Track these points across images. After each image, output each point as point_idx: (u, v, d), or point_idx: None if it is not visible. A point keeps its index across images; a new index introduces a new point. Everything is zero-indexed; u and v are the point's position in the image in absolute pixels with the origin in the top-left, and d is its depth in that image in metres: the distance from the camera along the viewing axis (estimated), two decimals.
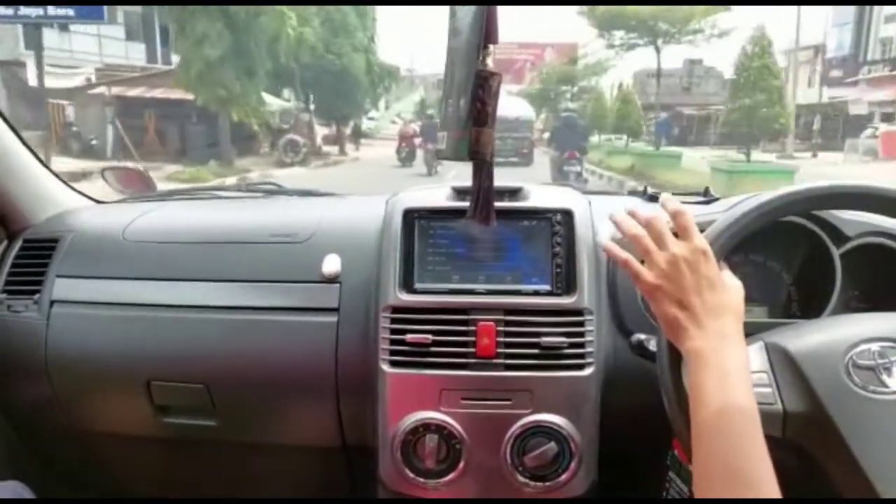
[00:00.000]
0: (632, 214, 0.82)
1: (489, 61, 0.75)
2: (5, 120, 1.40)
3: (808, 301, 1.15)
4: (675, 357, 0.80)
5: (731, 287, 0.78)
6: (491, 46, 0.74)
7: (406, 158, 17.62)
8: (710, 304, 0.75)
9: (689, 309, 0.75)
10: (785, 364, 0.80)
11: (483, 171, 0.85)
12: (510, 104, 20.35)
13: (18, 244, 1.38)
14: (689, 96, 32.96)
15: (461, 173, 0.93)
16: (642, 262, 0.80)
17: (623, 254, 0.82)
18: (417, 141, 17.43)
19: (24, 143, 1.44)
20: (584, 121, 15.32)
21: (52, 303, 1.27)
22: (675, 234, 0.79)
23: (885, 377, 0.76)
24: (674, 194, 1.37)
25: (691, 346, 0.74)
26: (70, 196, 1.54)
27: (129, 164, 1.96)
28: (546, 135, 20.59)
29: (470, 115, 0.76)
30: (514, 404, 1.06)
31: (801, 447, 0.77)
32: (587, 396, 1.07)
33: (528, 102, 25.75)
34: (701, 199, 1.34)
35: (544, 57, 41.37)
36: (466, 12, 0.76)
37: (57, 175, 1.54)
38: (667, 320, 0.77)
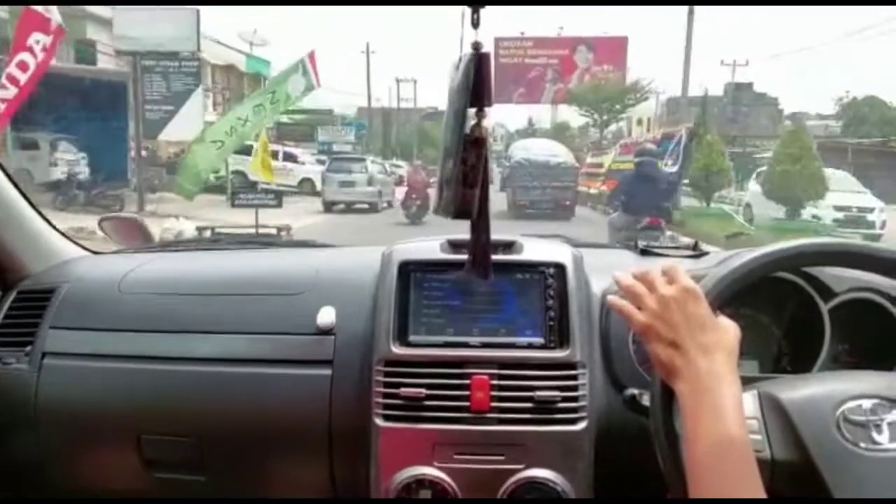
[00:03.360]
0: (632, 275, 0.86)
1: (485, 123, 0.78)
2: (4, 171, 1.42)
3: (798, 355, 1.16)
4: (668, 406, 0.80)
5: (723, 326, 0.80)
6: (486, 109, 0.77)
7: (416, 214, 13.33)
8: (702, 343, 0.76)
9: (681, 348, 0.76)
10: (776, 413, 0.80)
11: (480, 225, 0.87)
12: (548, 148, 17.62)
13: (13, 295, 1.38)
14: (735, 129, 24.94)
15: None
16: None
17: (618, 300, 0.85)
18: (430, 192, 11.92)
19: (23, 194, 1.46)
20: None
21: (43, 354, 1.26)
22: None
23: (875, 434, 0.76)
24: (663, 247, 1.42)
25: (684, 385, 0.75)
26: (67, 247, 1.55)
27: (127, 215, 1.98)
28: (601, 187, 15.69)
29: (456, 177, 0.79)
30: (508, 459, 1.05)
31: (787, 498, 0.77)
32: (581, 451, 1.06)
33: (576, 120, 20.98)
34: (690, 253, 1.36)
35: (574, 60, 28.17)
36: (459, 74, 0.79)
37: (54, 226, 1.55)
38: (659, 360, 0.79)
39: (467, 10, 0.78)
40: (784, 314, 1.19)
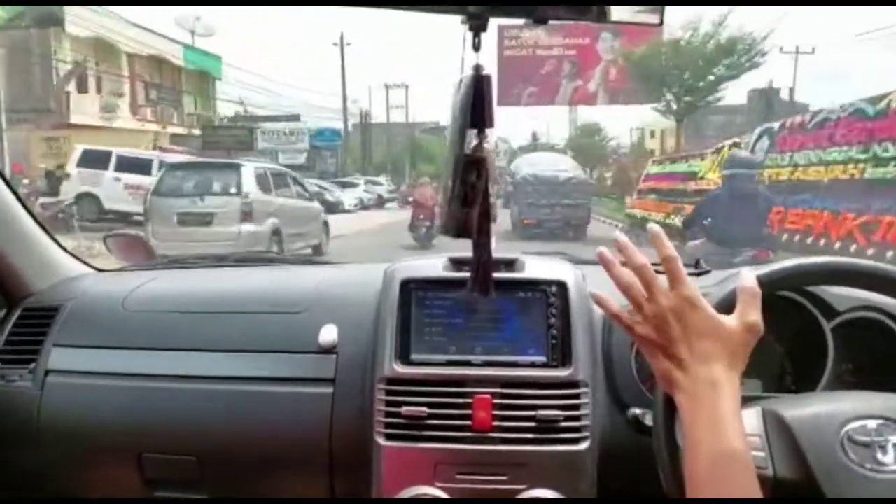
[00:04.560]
0: (621, 250, 0.82)
1: (485, 144, 0.78)
2: (10, 187, 1.43)
3: (801, 374, 1.16)
4: (671, 420, 0.80)
5: (725, 333, 0.76)
6: (487, 130, 0.78)
7: (426, 237, 11.55)
8: (699, 353, 0.75)
9: (679, 359, 0.76)
10: (779, 430, 0.80)
11: (482, 243, 0.87)
12: (556, 162, 15.95)
13: (18, 312, 1.38)
14: None
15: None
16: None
17: (614, 307, 0.82)
18: (439, 211, 6.03)
19: (28, 211, 1.47)
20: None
21: (47, 372, 1.27)
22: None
23: (880, 455, 0.76)
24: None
25: (682, 396, 0.75)
26: (72, 264, 1.56)
27: (132, 232, 1.99)
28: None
29: (457, 197, 0.79)
30: (510, 479, 1.05)
31: (780, 499, 0.77)
32: (583, 472, 1.06)
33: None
34: (693, 271, 1.36)
35: (597, 50, 21.73)
36: (460, 94, 0.80)
37: (59, 243, 1.56)
38: (659, 372, 0.78)
39: (468, 33, 0.79)
40: (787, 333, 1.18)
